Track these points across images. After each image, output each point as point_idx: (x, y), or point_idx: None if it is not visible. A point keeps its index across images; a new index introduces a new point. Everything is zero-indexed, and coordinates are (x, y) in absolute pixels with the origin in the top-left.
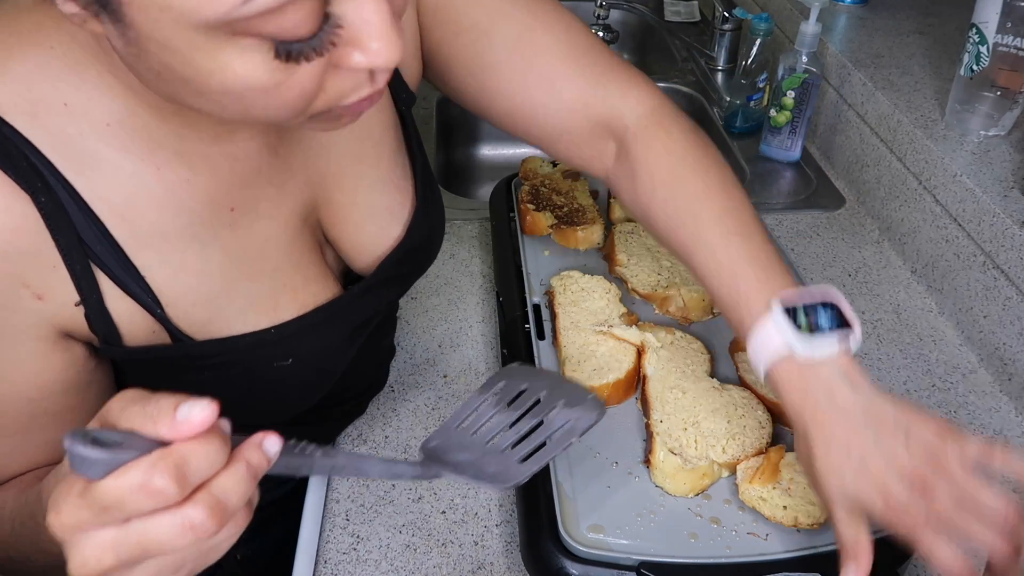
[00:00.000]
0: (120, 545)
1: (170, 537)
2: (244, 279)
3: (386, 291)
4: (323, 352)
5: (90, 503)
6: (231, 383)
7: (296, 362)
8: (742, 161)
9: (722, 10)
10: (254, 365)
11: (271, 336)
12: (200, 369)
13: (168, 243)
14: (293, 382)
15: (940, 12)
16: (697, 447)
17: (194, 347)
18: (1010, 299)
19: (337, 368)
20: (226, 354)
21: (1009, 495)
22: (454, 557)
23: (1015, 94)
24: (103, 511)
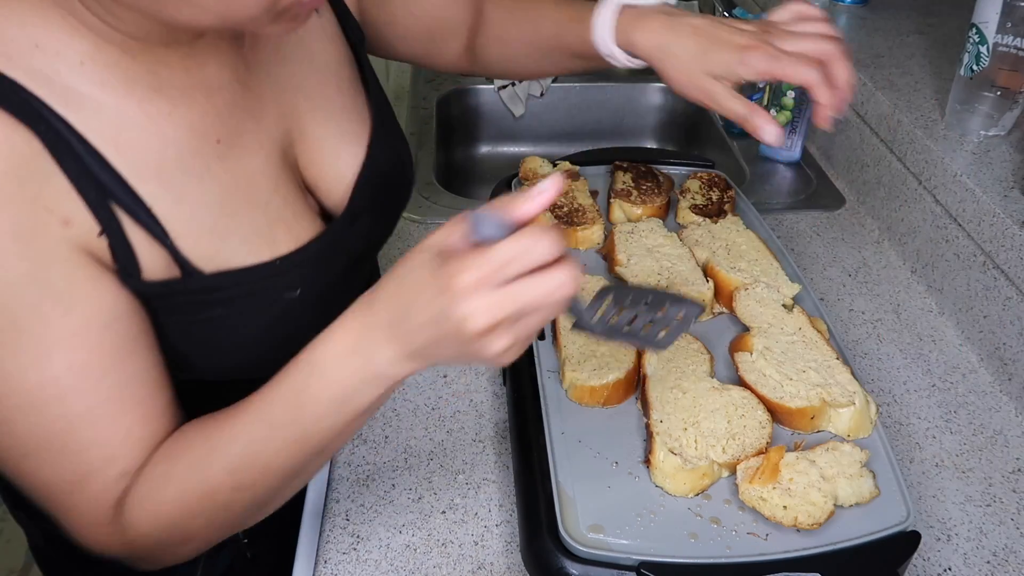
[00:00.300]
0: (506, 302)
1: (546, 292)
2: (241, 211)
3: (371, 221)
4: (326, 285)
5: (490, 260)
6: (246, 319)
7: (303, 293)
8: (742, 161)
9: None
10: (264, 297)
11: (275, 267)
12: (214, 304)
13: (164, 175)
14: (303, 316)
15: (940, 12)
16: (697, 447)
17: (207, 279)
18: (1010, 299)
19: (342, 304)
20: (237, 286)
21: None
22: (454, 557)
23: (1015, 94)
24: (503, 266)
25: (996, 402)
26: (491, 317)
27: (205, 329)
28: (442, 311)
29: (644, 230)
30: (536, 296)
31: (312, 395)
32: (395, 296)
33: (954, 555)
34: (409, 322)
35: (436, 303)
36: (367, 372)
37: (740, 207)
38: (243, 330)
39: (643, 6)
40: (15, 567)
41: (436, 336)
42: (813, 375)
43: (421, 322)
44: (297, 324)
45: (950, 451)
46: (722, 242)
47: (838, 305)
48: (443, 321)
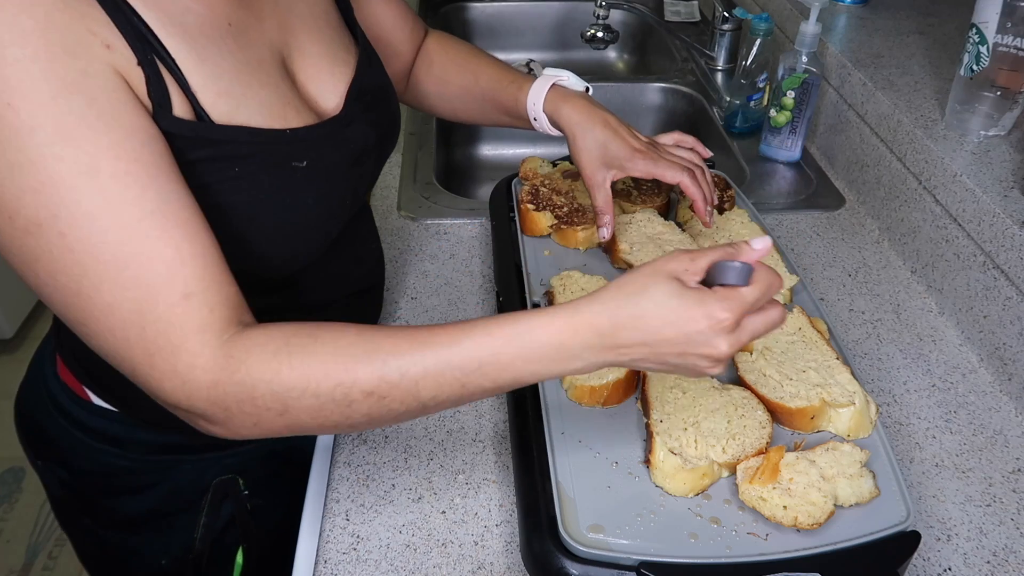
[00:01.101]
0: (745, 337)
1: (774, 322)
2: (255, 84)
3: (365, 128)
4: (328, 169)
5: (745, 301)
6: (260, 179)
7: (309, 167)
8: (742, 161)
9: (722, 10)
10: (275, 160)
11: (286, 136)
12: (233, 159)
13: (188, 35)
14: (308, 190)
15: (940, 12)
16: (697, 447)
17: (226, 129)
18: (1010, 299)
19: (343, 199)
20: (251, 144)
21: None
22: (454, 557)
23: (1015, 94)
24: (748, 308)
25: (996, 402)
26: (735, 349)
27: (221, 192)
28: (703, 338)
29: (642, 220)
30: (765, 328)
31: (503, 363)
32: (648, 319)
33: (954, 555)
34: (653, 344)
35: (698, 330)
36: (559, 366)
37: (740, 207)
38: (257, 192)
39: (570, 89)
40: (15, 567)
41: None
42: (813, 375)
43: (669, 341)
44: (302, 196)
45: (950, 451)
46: (725, 233)
47: (838, 305)
48: (694, 344)
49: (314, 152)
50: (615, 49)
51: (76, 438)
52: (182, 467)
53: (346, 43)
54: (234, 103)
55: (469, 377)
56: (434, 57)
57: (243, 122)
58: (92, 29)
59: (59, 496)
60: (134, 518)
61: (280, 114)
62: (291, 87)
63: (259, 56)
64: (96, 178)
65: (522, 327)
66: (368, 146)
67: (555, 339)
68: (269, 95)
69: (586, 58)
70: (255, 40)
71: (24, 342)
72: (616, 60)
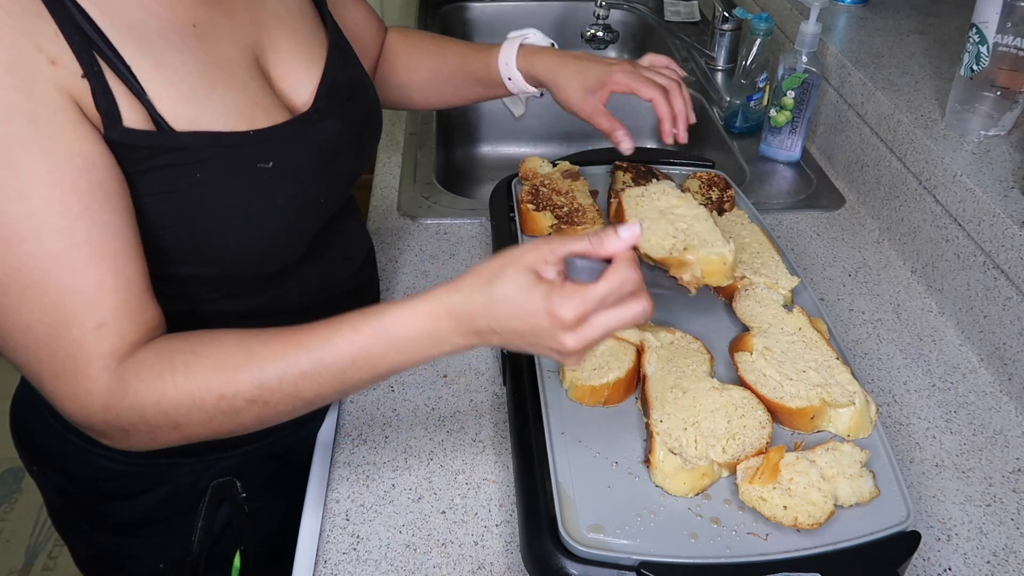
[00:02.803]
0: (598, 333)
1: (631, 318)
2: (220, 86)
3: (339, 125)
4: (300, 168)
5: (589, 299)
6: (223, 185)
7: (276, 167)
8: (742, 161)
9: (722, 10)
10: (239, 164)
11: (249, 137)
12: (192, 166)
13: (145, 41)
14: (277, 191)
15: (940, 12)
16: (697, 447)
17: (183, 136)
18: (1010, 299)
19: (316, 199)
20: (211, 148)
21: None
22: (454, 557)
23: (1015, 94)
24: (600, 303)
25: (996, 402)
26: (582, 344)
27: (185, 197)
28: (546, 333)
29: (655, 192)
30: (620, 324)
31: (375, 356)
32: (496, 308)
33: (954, 555)
34: (502, 331)
35: (541, 326)
36: (430, 351)
37: (740, 207)
38: (220, 197)
39: (538, 45)
40: (15, 567)
41: (524, 343)
42: (813, 375)
43: (518, 332)
44: (271, 198)
45: (950, 451)
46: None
47: (838, 305)
48: (541, 338)
49: (281, 152)
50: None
51: (71, 443)
52: (178, 470)
53: (320, 37)
54: (196, 107)
55: (345, 373)
56: (399, 49)
57: (206, 126)
58: (39, 45)
59: (55, 502)
60: (131, 523)
61: (247, 115)
62: (262, 86)
63: (227, 56)
64: (27, 204)
65: (388, 320)
66: (343, 142)
67: (420, 329)
68: (236, 96)
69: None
70: (224, 38)
71: None
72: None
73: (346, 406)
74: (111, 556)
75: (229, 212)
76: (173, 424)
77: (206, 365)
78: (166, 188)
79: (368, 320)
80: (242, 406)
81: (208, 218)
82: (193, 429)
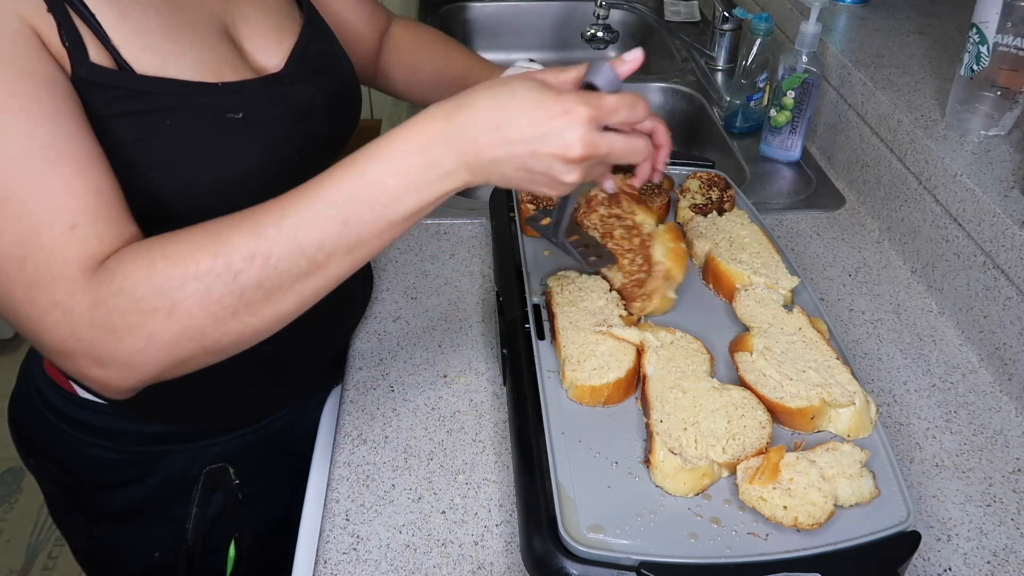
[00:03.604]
0: (603, 143)
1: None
2: (185, 43)
3: (312, 89)
4: (271, 122)
5: (605, 104)
6: (193, 133)
7: (246, 118)
8: (742, 161)
9: (722, 10)
10: (207, 114)
11: (217, 88)
12: (160, 112)
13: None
14: (248, 145)
15: (940, 12)
16: (697, 447)
17: (150, 82)
18: (1010, 299)
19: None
20: (180, 95)
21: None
22: (454, 557)
23: (1015, 94)
24: (612, 112)
25: (996, 402)
26: (589, 150)
27: (157, 144)
28: (555, 130)
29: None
30: (623, 150)
31: (368, 180)
32: (497, 107)
33: (954, 555)
34: (505, 131)
35: (551, 123)
36: (427, 174)
37: (740, 207)
38: (193, 146)
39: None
40: (15, 567)
41: (525, 152)
42: (813, 375)
43: (522, 135)
44: (242, 148)
45: (950, 451)
46: (725, 234)
47: (838, 305)
48: (547, 138)
49: (251, 105)
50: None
51: (64, 433)
52: (171, 457)
53: (293, 15)
54: (162, 59)
55: (344, 210)
56: (402, 45)
57: (172, 76)
58: None
59: (52, 494)
60: (125, 511)
61: (215, 70)
62: (231, 49)
63: (194, 19)
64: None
65: (382, 139)
66: (315, 106)
67: (415, 141)
68: (203, 54)
69: (586, 58)
70: (190, 4)
71: (24, 343)
72: None
73: (346, 406)
74: (107, 546)
75: (200, 162)
76: (168, 304)
77: (196, 232)
78: (136, 136)
79: (363, 148)
80: (240, 265)
81: (180, 168)
82: (192, 311)
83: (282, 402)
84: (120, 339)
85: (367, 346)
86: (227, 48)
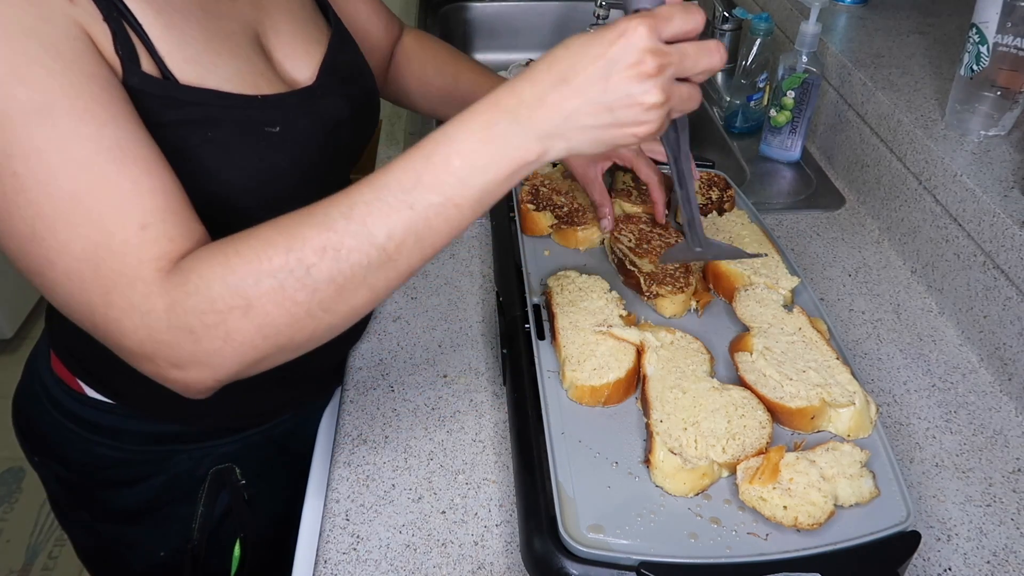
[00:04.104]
0: (668, 50)
1: (700, 51)
2: (225, 54)
3: (340, 102)
4: (304, 136)
5: (651, 15)
6: (234, 144)
7: (283, 132)
8: (742, 161)
9: (722, 10)
10: (248, 125)
11: (257, 101)
12: (205, 124)
13: (154, 4)
14: (284, 156)
15: (940, 12)
16: (697, 447)
17: (197, 92)
18: (1010, 299)
19: (320, 168)
20: (221, 108)
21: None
22: (454, 557)
23: (1015, 94)
24: (662, 21)
25: (996, 402)
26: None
27: (193, 157)
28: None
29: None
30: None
31: (433, 163)
32: (556, 62)
33: (954, 555)
34: (571, 80)
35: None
36: (495, 151)
37: (740, 207)
38: (231, 156)
39: None
40: (15, 567)
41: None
42: (813, 375)
43: (588, 74)
44: (279, 162)
45: (950, 451)
46: (725, 234)
47: (838, 305)
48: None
49: (287, 119)
50: None
51: (71, 431)
52: (178, 457)
53: (320, 25)
54: (203, 70)
55: (411, 195)
56: (412, 56)
57: (213, 87)
58: None
59: (56, 492)
60: (131, 510)
61: (252, 83)
62: (264, 61)
63: (229, 29)
64: (49, 116)
65: (449, 122)
66: (342, 119)
67: (480, 117)
68: (240, 65)
69: None
70: (225, 15)
71: (24, 342)
72: None
73: (346, 406)
74: (112, 545)
75: (237, 173)
76: (244, 302)
77: (267, 228)
78: (177, 146)
79: (431, 133)
80: (312, 260)
81: (217, 179)
82: (267, 308)
83: (289, 404)
84: (198, 340)
85: (367, 346)
86: (261, 59)
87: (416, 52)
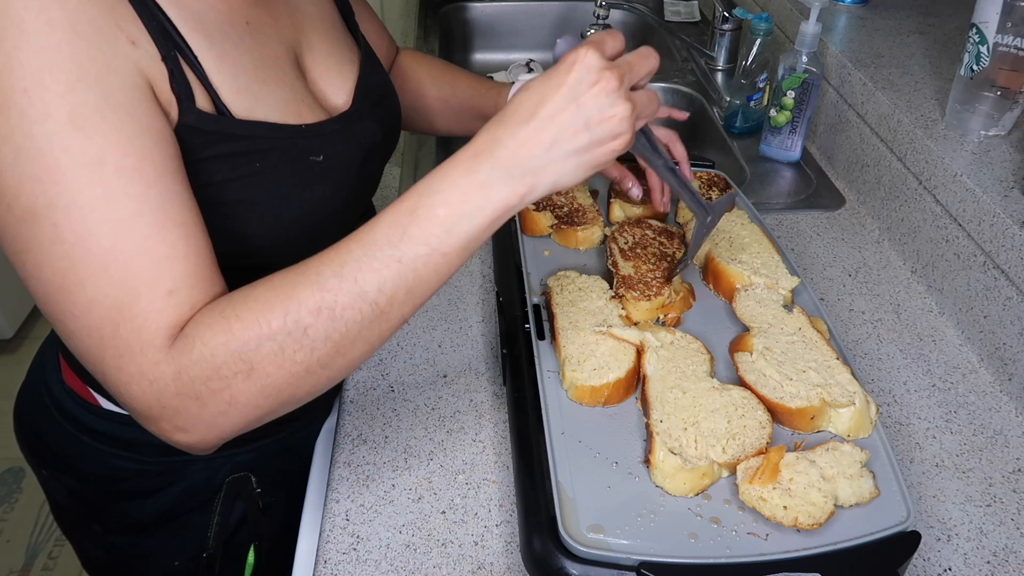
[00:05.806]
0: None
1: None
2: (271, 82)
3: (374, 125)
4: (345, 163)
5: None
6: (279, 174)
7: (326, 160)
8: (742, 161)
9: (722, 10)
10: (294, 155)
11: (301, 130)
12: (253, 154)
13: (208, 33)
14: (325, 184)
15: (940, 12)
16: (697, 447)
17: (246, 125)
18: (1010, 299)
19: (357, 194)
20: (269, 139)
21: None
22: (454, 557)
23: (1015, 94)
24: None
25: (996, 402)
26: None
27: (246, 184)
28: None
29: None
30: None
31: (418, 215)
32: (523, 101)
33: (954, 555)
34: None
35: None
36: (477, 198)
37: (740, 207)
38: (278, 186)
39: None
40: (15, 567)
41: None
42: (813, 375)
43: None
44: (320, 189)
45: (950, 451)
46: (725, 235)
47: (838, 305)
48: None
49: (329, 147)
50: None
51: (84, 444)
52: (194, 467)
53: (349, 44)
54: (253, 99)
55: (400, 249)
56: (409, 74)
57: (262, 118)
58: (119, 24)
59: (66, 504)
60: (146, 521)
61: (295, 110)
62: (303, 85)
63: (274, 53)
64: (100, 171)
65: (431, 173)
66: (375, 143)
67: (460, 165)
68: (285, 92)
69: None
70: (271, 37)
71: (24, 342)
72: None
73: (346, 406)
74: (124, 556)
75: (283, 203)
76: (247, 366)
77: (263, 290)
78: (226, 177)
79: (412, 187)
80: (308, 320)
81: (263, 208)
82: (268, 370)
83: (307, 412)
84: (204, 404)
85: None
86: (301, 84)
87: (412, 68)
